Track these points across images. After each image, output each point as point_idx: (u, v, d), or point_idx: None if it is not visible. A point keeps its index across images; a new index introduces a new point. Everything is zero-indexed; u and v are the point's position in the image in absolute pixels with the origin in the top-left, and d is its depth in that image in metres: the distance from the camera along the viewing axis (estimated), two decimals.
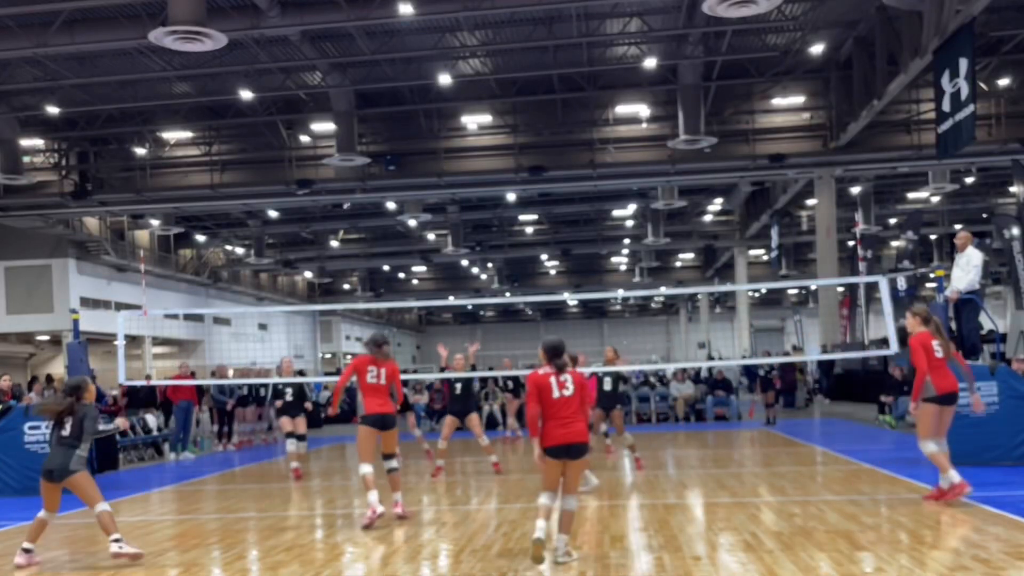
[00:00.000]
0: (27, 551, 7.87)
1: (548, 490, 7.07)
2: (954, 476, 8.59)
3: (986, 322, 14.52)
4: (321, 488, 12.72)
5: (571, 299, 71.31)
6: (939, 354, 8.76)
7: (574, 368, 7.41)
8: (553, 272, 58.59)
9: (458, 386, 13.53)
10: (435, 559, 7.59)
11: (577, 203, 39.48)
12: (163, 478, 15.13)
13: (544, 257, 52.52)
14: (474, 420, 13.43)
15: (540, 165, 28.32)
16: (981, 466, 11.20)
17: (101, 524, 7.81)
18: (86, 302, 34.40)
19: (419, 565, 7.33)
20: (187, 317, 42.93)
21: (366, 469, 9.11)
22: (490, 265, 53.84)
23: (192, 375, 21.40)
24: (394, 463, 9.34)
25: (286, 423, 13.92)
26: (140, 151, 30.22)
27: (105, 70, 23.24)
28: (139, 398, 20.18)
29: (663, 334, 71.93)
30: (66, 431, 7.90)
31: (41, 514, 7.96)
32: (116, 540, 7.70)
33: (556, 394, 6.98)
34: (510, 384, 18.44)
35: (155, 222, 35.38)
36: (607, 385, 13.26)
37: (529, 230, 47.01)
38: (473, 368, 14.50)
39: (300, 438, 13.92)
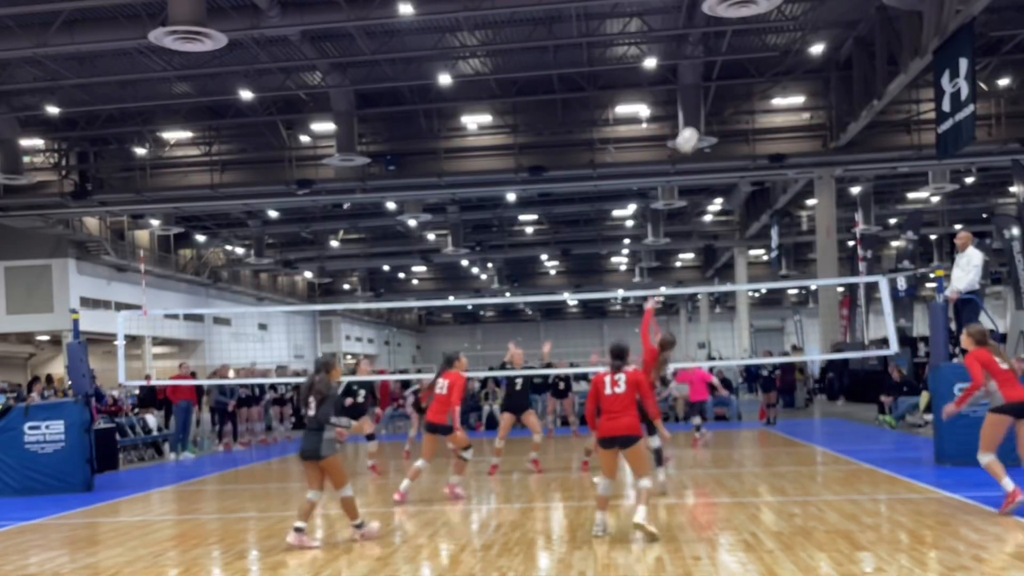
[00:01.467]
0: (299, 530, 7.98)
1: (605, 477, 8.01)
2: (1008, 484, 8.27)
3: (986, 322, 14.48)
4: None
5: (571, 299, 71.29)
6: (1004, 366, 8.54)
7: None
8: (553, 272, 58.57)
9: (518, 382, 13.57)
10: (435, 559, 7.59)
11: (577, 203, 39.45)
12: (163, 478, 15.13)
13: (544, 257, 52.48)
14: (531, 417, 13.44)
15: (540, 165, 28.30)
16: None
17: (344, 508, 8.09)
18: (86, 302, 34.40)
19: (419, 565, 7.33)
20: (187, 317, 42.93)
21: (418, 463, 10.64)
22: (490, 265, 53.82)
23: (192, 375, 21.38)
24: (465, 454, 10.69)
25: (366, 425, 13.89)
26: (140, 151, 30.20)
27: (105, 70, 23.23)
28: (141, 398, 20.19)
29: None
30: (311, 411, 7.95)
31: (308, 494, 8.12)
32: (357, 526, 8.03)
33: (608, 391, 7.93)
34: (561, 385, 18.33)
35: (155, 222, 35.35)
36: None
37: (529, 230, 46.99)
38: (549, 366, 15.36)
39: (369, 437, 13.92)
